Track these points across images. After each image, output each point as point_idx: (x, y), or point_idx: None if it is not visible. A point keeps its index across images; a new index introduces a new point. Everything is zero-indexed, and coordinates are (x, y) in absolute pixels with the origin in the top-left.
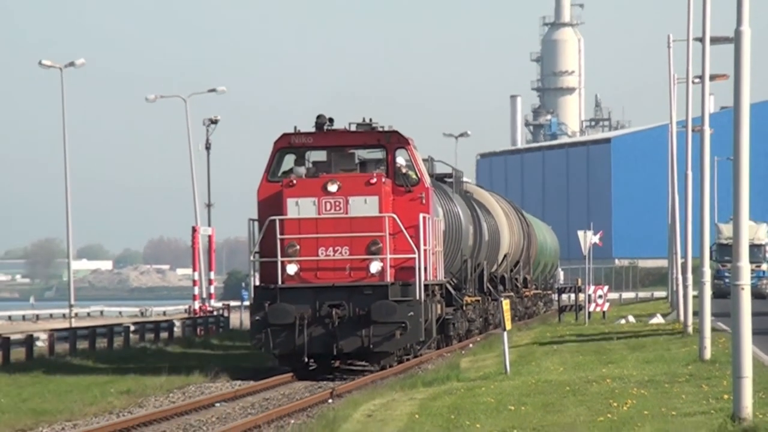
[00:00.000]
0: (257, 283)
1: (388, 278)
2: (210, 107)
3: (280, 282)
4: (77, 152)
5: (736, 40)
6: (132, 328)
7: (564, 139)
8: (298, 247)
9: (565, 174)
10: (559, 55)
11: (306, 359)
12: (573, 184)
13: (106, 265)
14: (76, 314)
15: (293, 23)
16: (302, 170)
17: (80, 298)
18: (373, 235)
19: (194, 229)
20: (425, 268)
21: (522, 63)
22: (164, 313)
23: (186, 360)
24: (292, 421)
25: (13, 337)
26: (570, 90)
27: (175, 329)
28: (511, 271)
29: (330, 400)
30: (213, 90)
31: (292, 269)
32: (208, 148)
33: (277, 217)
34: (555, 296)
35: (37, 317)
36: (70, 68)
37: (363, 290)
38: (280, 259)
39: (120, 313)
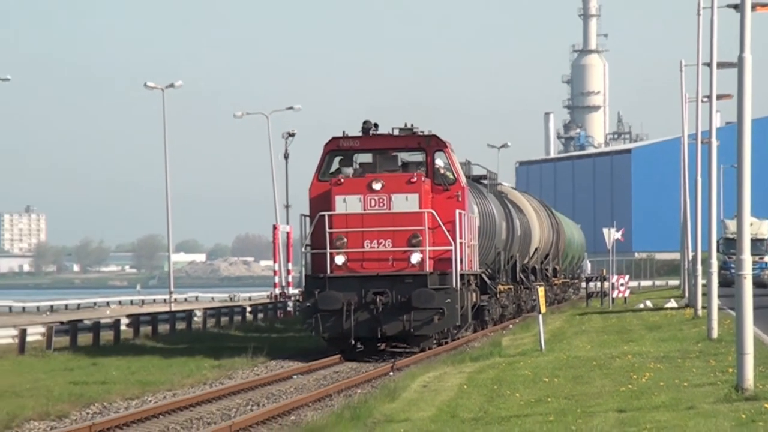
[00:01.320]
0: (309, 273)
1: (427, 268)
2: (288, 122)
3: (329, 271)
4: (176, 161)
5: (739, 65)
6: (223, 311)
7: (591, 150)
8: (345, 239)
9: (591, 180)
10: (587, 78)
11: (352, 342)
12: (599, 189)
13: (200, 257)
14: (175, 299)
15: (352, 52)
16: (350, 170)
17: (178, 285)
18: (413, 229)
19: (275, 227)
20: (461, 260)
21: (555, 84)
22: (249, 299)
23: (267, 341)
24: (359, 391)
25: (122, 319)
26: (596, 108)
27: (258, 313)
28: (542, 262)
29: (391, 373)
30: (291, 108)
31: (340, 260)
32: (286, 157)
33: (326, 213)
34: (583, 284)
35: (143, 302)
36: (170, 89)
37: (404, 279)
38: (329, 250)
39: (212, 298)
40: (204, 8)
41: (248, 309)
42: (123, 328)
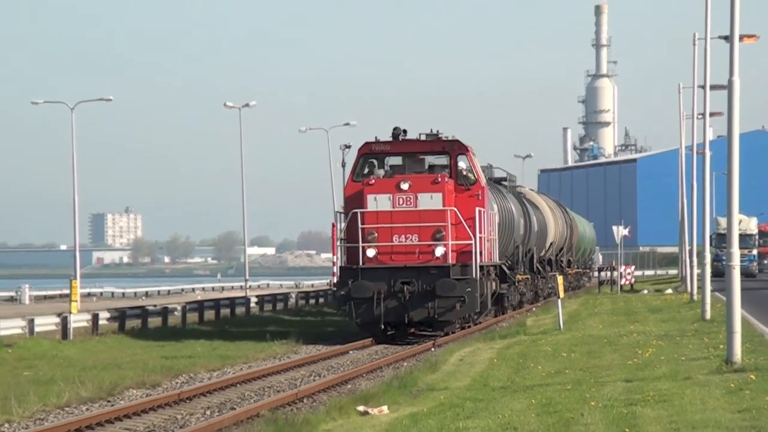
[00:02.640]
0: (343, 264)
1: (450, 260)
2: (345, 135)
3: (361, 263)
4: (252, 168)
5: (729, 87)
6: (279, 297)
7: (602, 160)
8: (376, 234)
9: (602, 185)
10: (599, 98)
11: (382, 326)
12: (609, 192)
13: (271, 250)
14: (250, 286)
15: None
16: (381, 172)
17: (252, 274)
18: (437, 224)
19: (333, 225)
20: (481, 252)
21: (571, 104)
22: (312, 285)
23: (328, 324)
24: (405, 364)
25: (205, 302)
26: (606, 123)
27: (320, 299)
28: (557, 254)
29: (433, 349)
30: (347, 124)
31: (371, 253)
32: (343, 165)
33: (359, 210)
34: (594, 273)
35: (222, 288)
36: (245, 108)
37: (429, 270)
38: (361, 244)
39: (281, 285)
40: (272, 38)
41: (311, 294)
42: (195, 312)
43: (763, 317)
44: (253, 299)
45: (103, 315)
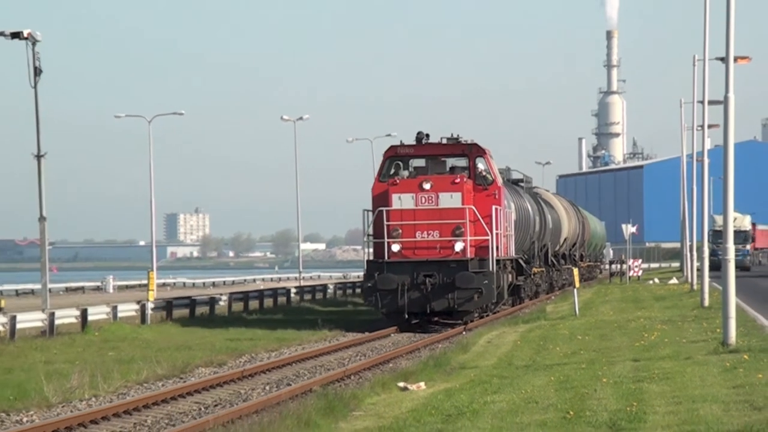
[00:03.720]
0: (370, 258)
1: (468, 255)
2: (386, 145)
3: (386, 257)
4: (305, 173)
5: (725, 103)
6: (318, 288)
7: (612, 166)
8: (400, 231)
9: (613, 188)
10: (610, 112)
11: (406, 316)
12: (618, 195)
13: (321, 246)
14: (303, 277)
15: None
16: (405, 173)
17: (305, 267)
18: (457, 221)
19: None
20: (497, 247)
21: (586, 117)
22: (358, 276)
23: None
24: (440, 345)
25: (266, 291)
26: (616, 134)
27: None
28: (570, 249)
29: (464, 333)
30: (389, 135)
31: (395, 248)
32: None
33: (384, 208)
34: (605, 266)
35: (279, 279)
36: (300, 121)
37: (449, 264)
38: (386, 240)
39: (330, 276)
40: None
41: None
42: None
43: (756, 305)
44: (293, 290)
45: (176, 302)
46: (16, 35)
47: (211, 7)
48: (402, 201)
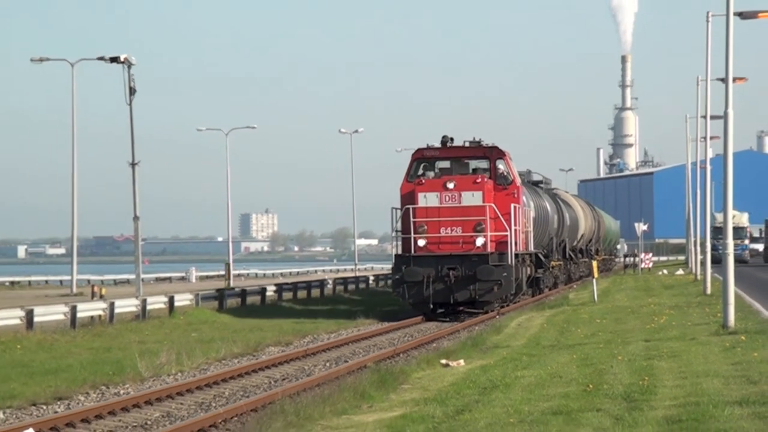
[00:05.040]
0: (398, 252)
1: (489, 249)
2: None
3: (413, 252)
4: (360, 178)
5: (725, 118)
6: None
7: (626, 173)
8: (426, 227)
9: (627, 192)
10: (624, 126)
11: (431, 306)
12: (632, 197)
13: (374, 241)
14: (358, 269)
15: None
16: (431, 174)
17: (360, 260)
18: (478, 218)
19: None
20: (516, 243)
21: (603, 130)
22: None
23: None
24: (477, 327)
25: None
26: (630, 145)
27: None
28: (587, 244)
29: (497, 317)
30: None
31: (421, 243)
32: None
33: (411, 206)
34: (619, 259)
35: (338, 270)
36: (355, 133)
37: (471, 258)
38: (413, 235)
39: (382, 268)
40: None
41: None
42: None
43: (752, 293)
44: (329, 282)
45: (249, 290)
46: (114, 59)
47: (284, 39)
48: (427, 199)
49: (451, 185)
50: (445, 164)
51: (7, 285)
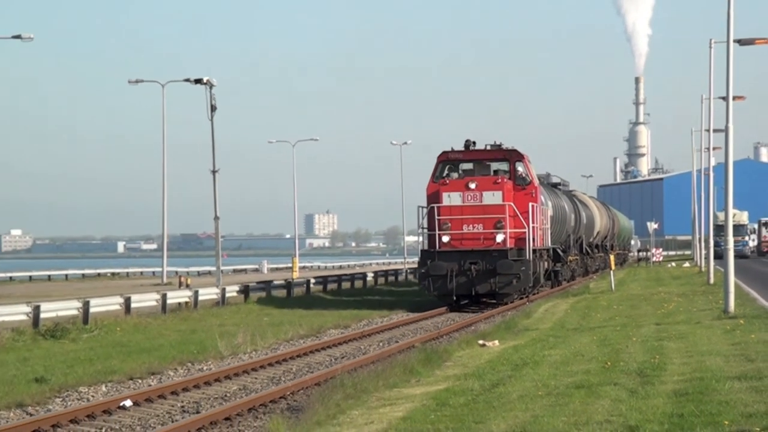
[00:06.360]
0: (423, 248)
1: (508, 245)
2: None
3: (437, 247)
4: (408, 182)
5: (726, 131)
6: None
7: (639, 179)
8: (449, 224)
9: (640, 195)
10: (637, 138)
11: (454, 298)
12: (644, 200)
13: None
14: (407, 262)
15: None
16: (455, 175)
17: (409, 254)
18: (498, 216)
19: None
20: (533, 239)
21: (619, 142)
22: None
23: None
24: (509, 313)
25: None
26: (642, 155)
27: None
28: (603, 241)
29: (527, 303)
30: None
31: (445, 239)
32: None
33: (436, 205)
34: (632, 253)
35: (389, 263)
36: (404, 145)
37: (492, 253)
38: (438, 232)
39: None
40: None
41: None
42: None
43: (750, 283)
44: (370, 275)
45: (312, 281)
46: (198, 81)
47: (342, 60)
48: (451, 198)
49: (473, 185)
50: (468, 166)
51: (109, 276)
